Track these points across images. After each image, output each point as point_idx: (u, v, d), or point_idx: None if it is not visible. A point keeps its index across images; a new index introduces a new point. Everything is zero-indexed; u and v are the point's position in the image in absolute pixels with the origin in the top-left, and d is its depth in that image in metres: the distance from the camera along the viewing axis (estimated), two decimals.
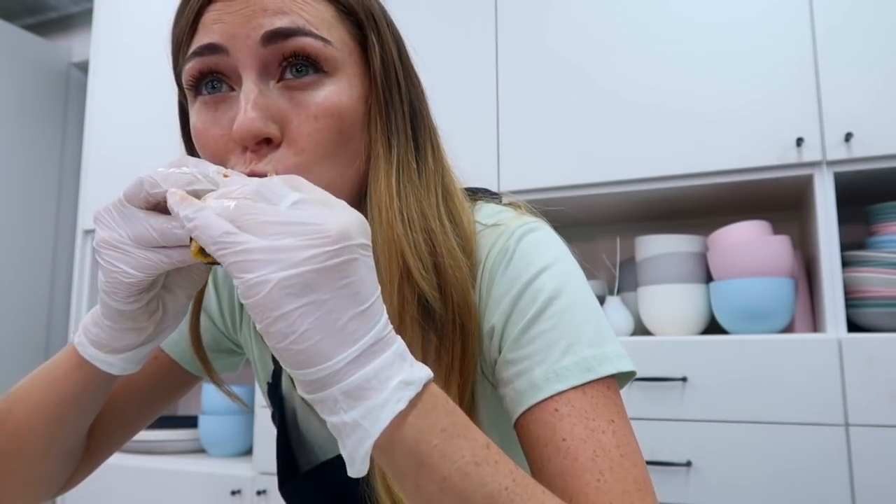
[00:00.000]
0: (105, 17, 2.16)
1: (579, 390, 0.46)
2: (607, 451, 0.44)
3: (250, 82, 0.46)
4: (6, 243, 2.23)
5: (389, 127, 0.51)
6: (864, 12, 1.29)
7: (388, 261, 0.48)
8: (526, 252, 0.51)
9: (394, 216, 0.48)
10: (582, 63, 1.49)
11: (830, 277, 1.25)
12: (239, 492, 1.64)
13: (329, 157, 0.48)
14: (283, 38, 0.46)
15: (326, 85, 0.47)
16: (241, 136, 0.45)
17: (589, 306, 0.50)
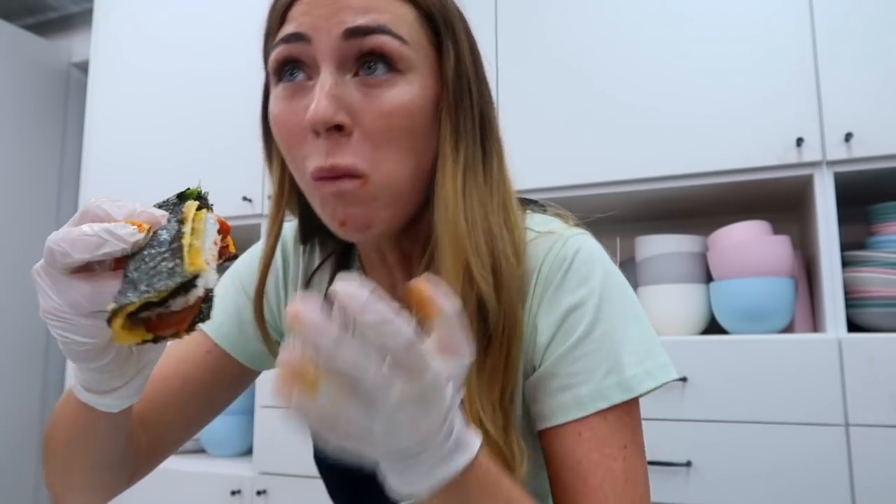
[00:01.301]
0: (105, 17, 2.15)
1: (602, 416, 0.50)
2: (615, 478, 0.49)
3: (327, 73, 0.48)
4: (6, 243, 2.23)
5: (459, 130, 0.53)
6: (864, 12, 1.29)
7: (451, 258, 0.50)
8: (578, 269, 0.53)
9: (458, 216, 0.50)
10: (582, 63, 1.49)
11: (830, 277, 1.25)
12: (239, 492, 1.64)
13: (400, 154, 0.50)
14: (362, 34, 0.48)
15: (400, 84, 0.49)
16: (312, 121, 0.47)
17: (632, 324, 0.53)
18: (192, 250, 0.40)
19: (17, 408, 2.21)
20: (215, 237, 0.43)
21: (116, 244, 0.39)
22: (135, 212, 0.41)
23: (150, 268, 0.38)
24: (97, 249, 0.38)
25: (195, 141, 1.91)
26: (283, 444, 1.60)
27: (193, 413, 0.64)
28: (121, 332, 0.37)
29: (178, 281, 0.37)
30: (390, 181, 0.50)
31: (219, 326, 0.65)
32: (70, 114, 2.50)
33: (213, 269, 0.40)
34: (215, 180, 1.85)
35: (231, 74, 1.89)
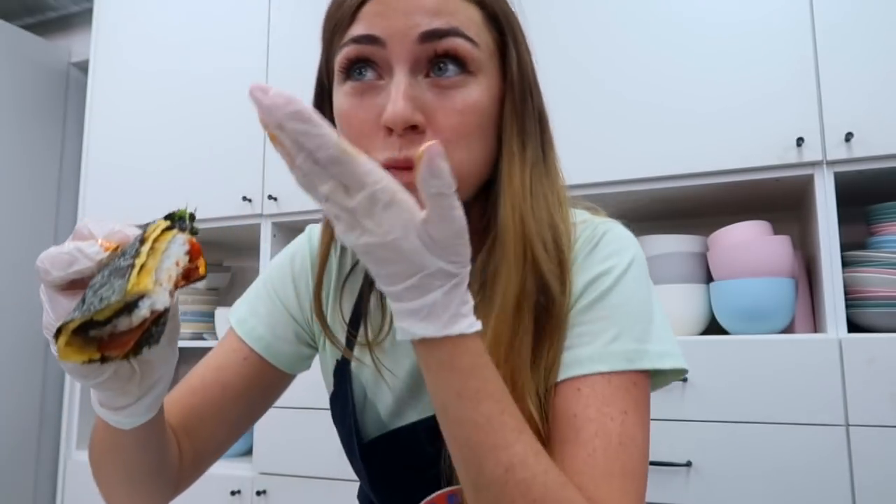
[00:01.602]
0: (105, 17, 2.15)
1: (605, 377, 0.50)
2: (608, 435, 0.48)
3: (402, 74, 0.50)
4: (6, 243, 2.23)
5: (524, 129, 0.55)
6: (864, 12, 1.29)
7: (517, 250, 0.52)
8: (606, 244, 0.56)
9: (527, 213, 0.53)
10: (581, 64, 1.49)
11: (830, 277, 1.25)
12: (239, 492, 1.64)
13: (468, 150, 0.52)
14: (438, 37, 0.50)
15: (470, 85, 0.51)
16: (392, 121, 0.48)
17: (642, 305, 0.54)
18: (144, 270, 0.39)
19: (17, 408, 2.21)
20: (179, 258, 0.42)
21: (84, 262, 0.40)
22: (113, 231, 0.42)
23: (100, 286, 0.38)
24: (69, 267, 0.40)
25: (195, 141, 1.91)
26: (282, 445, 1.60)
27: (234, 420, 0.66)
28: (64, 349, 0.37)
29: (115, 300, 0.37)
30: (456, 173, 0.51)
31: (252, 330, 0.66)
32: (70, 114, 2.50)
33: (166, 290, 0.40)
34: (215, 180, 1.86)
35: (231, 74, 1.89)
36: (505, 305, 0.51)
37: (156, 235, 0.42)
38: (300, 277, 0.69)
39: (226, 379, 0.64)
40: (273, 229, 1.80)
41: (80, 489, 1.95)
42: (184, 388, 0.64)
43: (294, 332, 0.69)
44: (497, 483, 0.42)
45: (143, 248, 0.40)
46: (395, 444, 0.63)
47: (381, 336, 0.63)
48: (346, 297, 0.67)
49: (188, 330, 1.94)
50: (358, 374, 0.66)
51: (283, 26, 1.84)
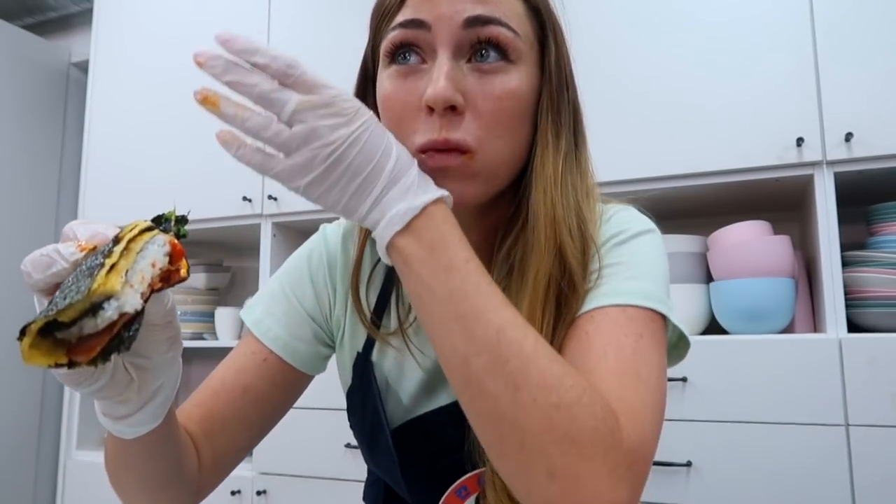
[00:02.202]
0: (105, 17, 2.16)
1: (620, 308, 0.51)
2: (621, 347, 0.48)
3: (445, 57, 0.52)
4: (6, 243, 2.23)
5: (559, 119, 0.57)
6: (864, 12, 1.29)
7: (546, 235, 0.53)
8: (620, 218, 0.59)
9: (557, 199, 0.54)
10: (580, 63, 1.48)
11: (830, 277, 1.25)
12: (239, 492, 1.64)
13: (505, 135, 0.53)
14: (481, 24, 0.52)
15: (510, 72, 0.53)
16: (434, 99, 0.50)
17: (658, 263, 0.57)
18: (114, 270, 0.37)
19: (17, 408, 2.21)
20: (157, 259, 0.40)
21: (61, 263, 0.40)
22: (96, 233, 0.41)
23: (68, 286, 0.37)
24: (48, 269, 0.40)
25: (195, 141, 1.91)
26: (282, 444, 1.60)
27: (255, 422, 0.65)
28: (29, 351, 0.36)
29: (77, 300, 0.35)
30: (493, 160, 0.53)
31: (269, 331, 0.66)
32: (70, 114, 2.50)
33: (137, 292, 0.38)
34: (215, 180, 1.86)
35: None
36: (537, 288, 0.52)
37: (132, 235, 0.40)
38: (318, 274, 0.69)
39: (246, 381, 0.64)
40: (273, 229, 1.80)
41: (80, 489, 1.95)
42: (204, 392, 0.64)
43: (312, 332, 0.68)
44: (489, 345, 0.42)
45: (115, 248, 0.39)
46: (423, 428, 0.63)
47: (410, 321, 0.64)
48: (373, 288, 0.67)
49: (188, 330, 1.95)
50: (379, 364, 0.67)
51: (284, 26, 1.84)
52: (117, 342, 0.38)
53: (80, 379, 0.41)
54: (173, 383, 0.48)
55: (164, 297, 0.44)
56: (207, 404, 0.63)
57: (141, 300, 0.38)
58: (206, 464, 0.61)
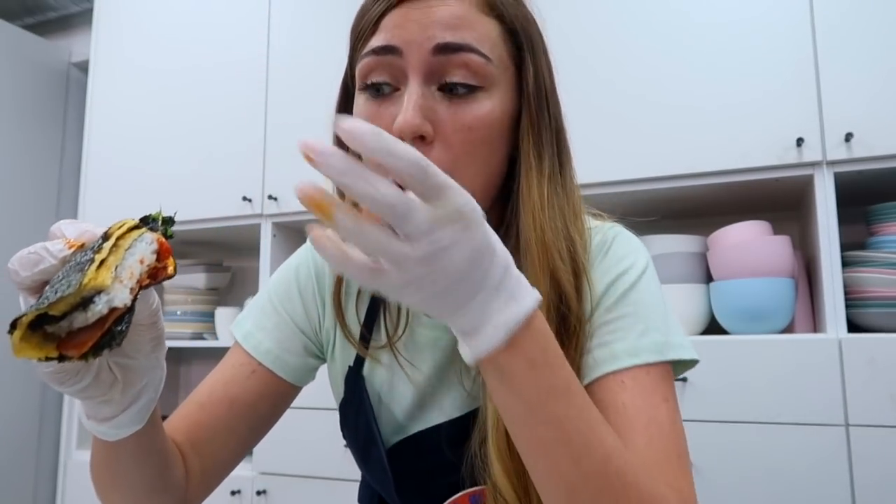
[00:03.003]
0: (105, 17, 2.16)
1: (644, 369, 0.53)
2: (660, 423, 0.50)
3: (415, 84, 0.51)
4: (6, 243, 2.23)
5: (540, 141, 0.56)
6: (864, 12, 1.29)
7: (539, 262, 0.53)
8: (619, 247, 0.59)
9: (545, 224, 0.54)
10: (580, 64, 1.49)
11: (830, 277, 1.25)
12: (239, 492, 1.64)
13: (476, 164, 0.53)
14: (451, 51, 0.51)
15: (481, 99, 0.53)
16: (401, 129, 0.49)
17: (660, 301, 0.58)
18: (103, 265, 0.38)
19: (17, 408, 2.21)
20: (145, 256, 0.40)
21: (49, 260, 0.39)
22: (84, 231, 0.41)
23: (58, 281, 0.37)
24: (36, 266, 0.39)
25: (195, 141, 1.91)
26: (283, 444, 1.60)
27: (243, 433, 0.65)
28: (19, 344, 0.35)
29: (69, 293, 0.36)
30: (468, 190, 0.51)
31: (259, 344, 0.66)
32: (70, 114, 2.50)
33: (127, 287, 0.38)
34: (215, 180, 1.86)
35: (231, 75, 1.89)
36: None
37: (121, 233, 0.41)
38: (306, 289, 0.69)
39: (234, 394, 0.64)
40: (273, 229, 1.80)
41: (80, 489, 1.95)
42: (191, 405, 0.64)
43: (302, 345, 0.68)
44: (598, 475, 0.41)
45: (105, 245, 0.39)
46: (419, 446, 0.63)
47: (399, 334, 0.64)
48: (363, 301, 0.67)
49: (188, 330, 1.95)
50: (371, 378, 0.66)
51: (284, 27, 1.84)
52: (109, 337, 0.38)
53: (64, 377, 0.41)
54: (157, 384, 0.47)
55: (150, 297, 0.43)
56: (194, 417, 0.63)
57: (130, 295, 0.38)
58: (193, 475, 0.61)
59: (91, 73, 2.14)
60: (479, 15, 0.53)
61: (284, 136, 1.79)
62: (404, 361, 0.64)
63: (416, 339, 0.64)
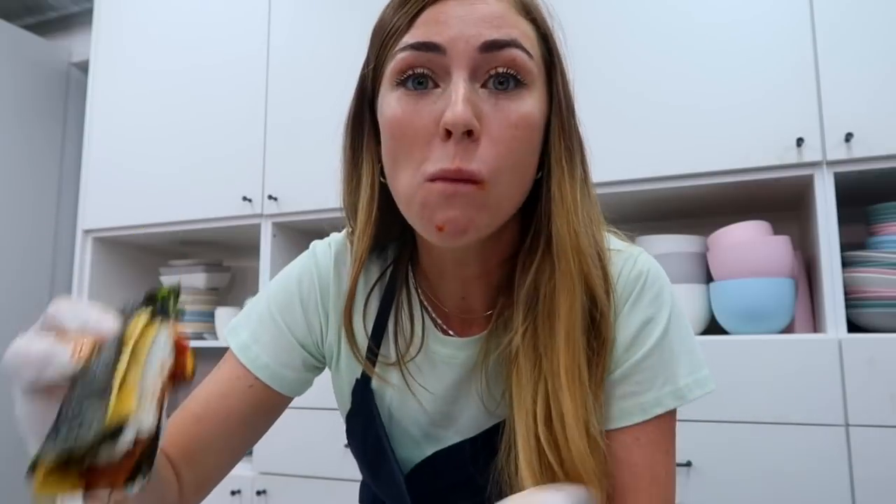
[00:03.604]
0: (105, 17, 2.16)
1: (656, 421, 0.56)
2: (660, 482, 0.56)
3: (461, 80, 0.50)
4: (6, 243, 2.23)
5: (571, 146, 0.56)
6: (864, 12, 1.29)
7: (574, 269, 0.53)
8: (652, 285, 0.59)
9: (579, 228, 0.54)
10: (580, 63, 1.48)
11: (830, 277, 1.25)
12: (239, 492, 1.64)
13: (518, 166, 0.52)
14: (498, 48, 0.50)
15: (525, 97, 0.52)
16: (453, 123, 0.48)
17: (687, 338, 0.60)
18: (124, 388, 0.34)
19: None
20: (164, 360, 0.37)
21: (54, 372, 0.36)
22: (88, 323, 0.37)
23: (77, 407, 0.34)
24: (39, 374, 0.36)
25: (195, 141, 1.91)
26: (282, 444, 1.61)
27: (237, 444, 0.65)
28: (43, 484, 0.32)
29: (97, 431, 0.32)
30: (504, 191, 0.52)
31: (256, 359, 0.65)
32: (70, 114, 2.50)
33: (152, 407, 0.35)
34: (215, 180, 1.86)
35: (232, 74, 1.89)
36: (574, 317, 0.53)
37: (136, 335, 0.37)
38: (309, 301, 0.67)
39: (230, 406, 0.63)
40: (273, 229, 1.80)
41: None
42: (187, 416, 0.63)
43: (301, 359, 0.67)
44: None
45: (122, 357, 0.35)
46: (438, 466, 0.63)
47: (414, 353, 0.63)
48: (369, 314, 0.65)
49: (188, 330, 1.95)
50: (381, 392, 0.65)
51: (284, 26, 1.84)
52: (141, 467, 0.35)
53: None
54: None
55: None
56: (191, 431, 0.62)
57: (155, 418, 0.35)
58: (188, 489, 0.61)
59: (91, 73, 2.14)
60: (517, 16, 0.53)
61: (284, 136, 1.79)
62: (416, 379, 0.63)
63: (430, 356, 0.63)
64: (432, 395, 0.63)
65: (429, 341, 0.63)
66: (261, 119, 1.82)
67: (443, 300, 0.63)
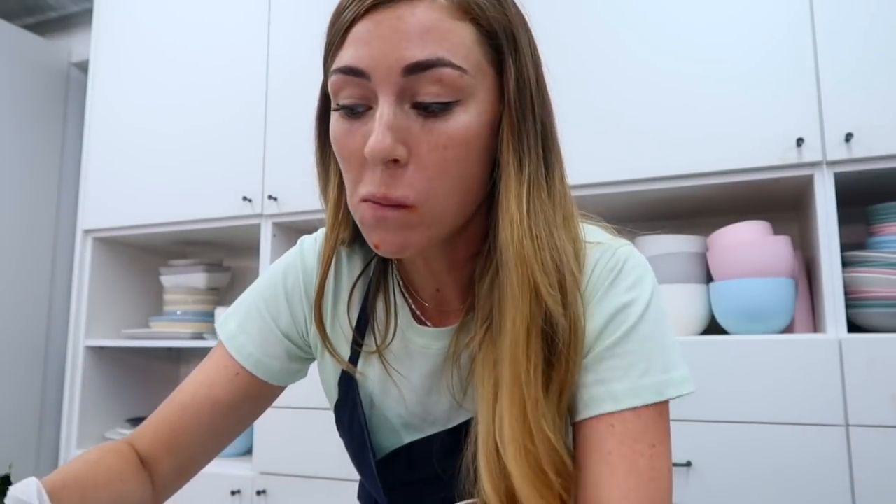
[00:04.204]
0: (105, 17, 2.16)
1: (636, 412, 0.52)
2: (640, 473, 0.50)
3: (387, 105, 0.49)
4: (6, 243, 2.23)
5: (521, 147, 0.53)
6: (864, 12, 1.29)
7: (518, 277, 0.51)
8: (628, 274, 0.56)
9: (524, 234, 0.51)
10: (580, 64, 1.49)
11: (830, 277, 1.25)
12: (239, 492, 1.64)
13: (452, 184, 0.50)
14: (422, 69, 0.48)
15: (457, 113, 0.50)
16: (371, 156, 0.48)
17: (665, 333, 0.56)
18: None
19: (17, 408, 2.21)
20: None
21: None
22: None
23: None
24: None
25: (195, 141, 1.91)
26: (283, 444, 1.60)
27: (222, 432, 0.67)
28: None
29: None
30: (437, 210, 0.51)
31: (242, 348, 0.67)
32: (70, 114, 2.50)
33: None
34: (215, 180, 1.86)
35: (231, 74, 1.89)
36: (517, 332, 0.51)
37: None
38: (293, 294, 0.68)
39: (216, 395, 0.65)
40: (273, 229, 1.80)
41: None
42: (173, 405, 0.65)
43: (285, 350, 0.68)
44: None
45: None
46: (411, 457, 0.63)
47: (388, 341, 0.63)
48: (354, 306, 0.66)
49: (188, 330, 1.94)
50: (364, 382, 0.66)
51: (284, 26, 1.84)
52: None
53: None
54: None
55: None
56: (175, 420, 0.64)
57: None
58: (168, 477, 0.63)
59: (91, 73, 2.14)
60: (451, 21, 0.49)
61: (284, 136, 1.79)
62: (394, 369, 0.64)
63: (407, 345, 0.64)
64: (411, 384, 0.63)
65: (406, 331, 0.64)
66: (261, 119, 1.82)
67: (419, 291, 0.64)
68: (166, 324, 1.97)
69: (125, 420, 2.09)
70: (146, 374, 2.22)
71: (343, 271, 0.68)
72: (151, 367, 2.24)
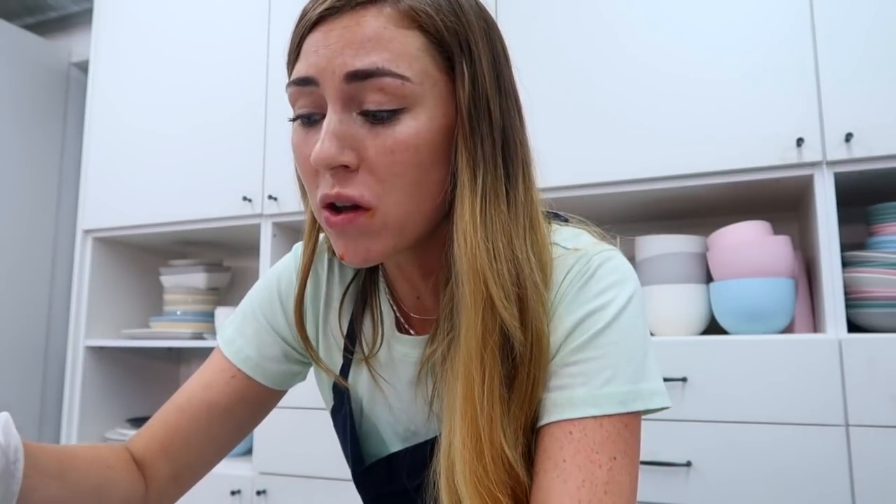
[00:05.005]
0: (105, 17, 2.16)
1: (598, 420, 0.49)
2: (595, 485, 0.47)
3: (333, 113, 0.49)
4: (6, 243, 2.23)
5: (475, 156, 0.51)
6: (864, 12, 1.29)
7: (471, 289, 0.50)
8: (600, 279, 0.54)
9: (477, 245, 0.50)
10: (581, 64, 1.49)
11: (830, 278, 1.25)
12: (239, 492, 1.64)
13: (406, 187, 0.50)
14: (362, 78, 0.48)
15: (404, 120, 0.49)
16: (316, 163, 0.49)
17: (638, 342, 0.53)
18: None
19: (17, 408, 2.21)
20: None
21: None
22: None
23: None
24: None
25: (195, 141, 1.91)
26: (283, 444, 1.60)
27: (220, 437, 0.66)
28: None
29: None
30: (397, 214, 0.50)
31: (239, 351, 0.67)
32: (70, 114, 2.50)
33: None
34: (215, 180, 1.86)
35: (231, 74, 1.89)
36: (470, 346, 0.49)
37: None
38: (287, 298, 0.68)
39: (212, 398, 0.65)
40: (273, 229, 1.80)
41: None
42: (170, 408, 0.65)
43: (282, 352, 0.68)
44: None
45: None
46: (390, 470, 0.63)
47: (376, 349, 0.64)
48: (345, 313, 0.66)
49: (188, 330, 1.95)
50: (355, 389, 0.66)
51: (284, 26, 1.84)
52: None
53: None
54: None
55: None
56: (171, 421, 0.64)
57: None
58: (163, 481, 0.62)
59: (91, 73, 2.14)
60: (396, 30, 0.49)
61: (284, 136, 1.79)
62: (381, 377, 0.64)
63: (391, 353, 0.63)
64: (396, 392, 0.63)
65: (390, 339, 0.64)
66: (261, 119, 1.82)
67: (403, 299, 0.64)
68: (166, 324, 1.97)
69: (125, 420, 2.09)
70: (146, 375, 2.22)
71: (335, 279, 0.68)
72: (151, 368, 2.24)
